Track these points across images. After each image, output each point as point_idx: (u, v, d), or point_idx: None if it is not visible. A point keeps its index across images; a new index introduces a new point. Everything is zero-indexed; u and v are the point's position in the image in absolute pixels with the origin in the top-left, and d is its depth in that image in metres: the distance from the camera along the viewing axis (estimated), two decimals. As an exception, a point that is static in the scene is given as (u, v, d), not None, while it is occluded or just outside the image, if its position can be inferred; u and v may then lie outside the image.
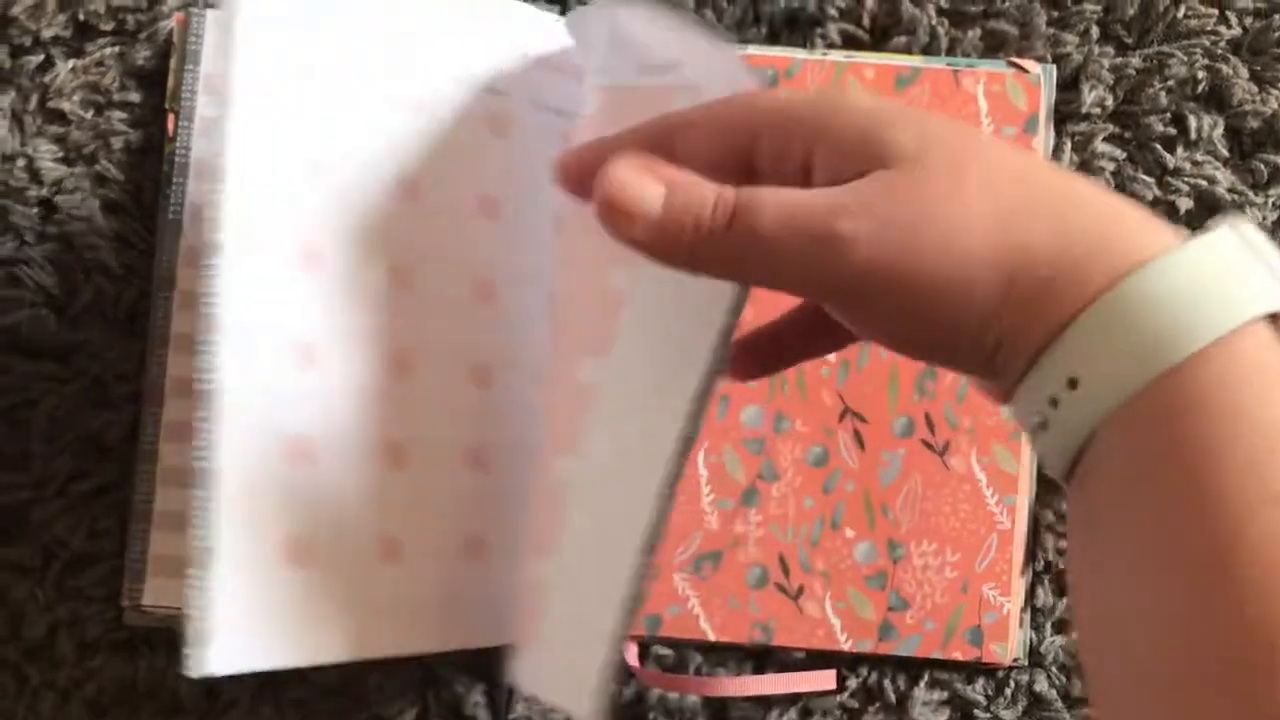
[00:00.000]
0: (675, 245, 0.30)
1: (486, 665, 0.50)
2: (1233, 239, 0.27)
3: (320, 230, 0.40)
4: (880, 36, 0.52)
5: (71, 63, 0.52)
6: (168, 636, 0.50)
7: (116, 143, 0.51)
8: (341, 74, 0.42)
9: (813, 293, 0.31)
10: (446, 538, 0.43)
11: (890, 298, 0.29)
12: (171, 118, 0.51)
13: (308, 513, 0.39)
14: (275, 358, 0.39)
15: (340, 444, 0.40)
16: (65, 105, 0.52)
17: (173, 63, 0.51)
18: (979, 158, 0.29)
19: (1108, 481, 0.27)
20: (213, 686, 0.50)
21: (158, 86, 0.52)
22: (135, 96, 0.52)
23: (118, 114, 0.52)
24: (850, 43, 0.52)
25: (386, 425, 0.41)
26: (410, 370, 0.42)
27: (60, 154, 0.52)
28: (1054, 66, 0.50)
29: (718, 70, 0.36)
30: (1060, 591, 0.49)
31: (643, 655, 0.50)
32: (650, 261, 0.31)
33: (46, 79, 0.52)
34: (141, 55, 0.52)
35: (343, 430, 0.40)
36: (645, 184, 0.30)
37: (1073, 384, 0.27)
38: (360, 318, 0.41)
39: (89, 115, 0.52)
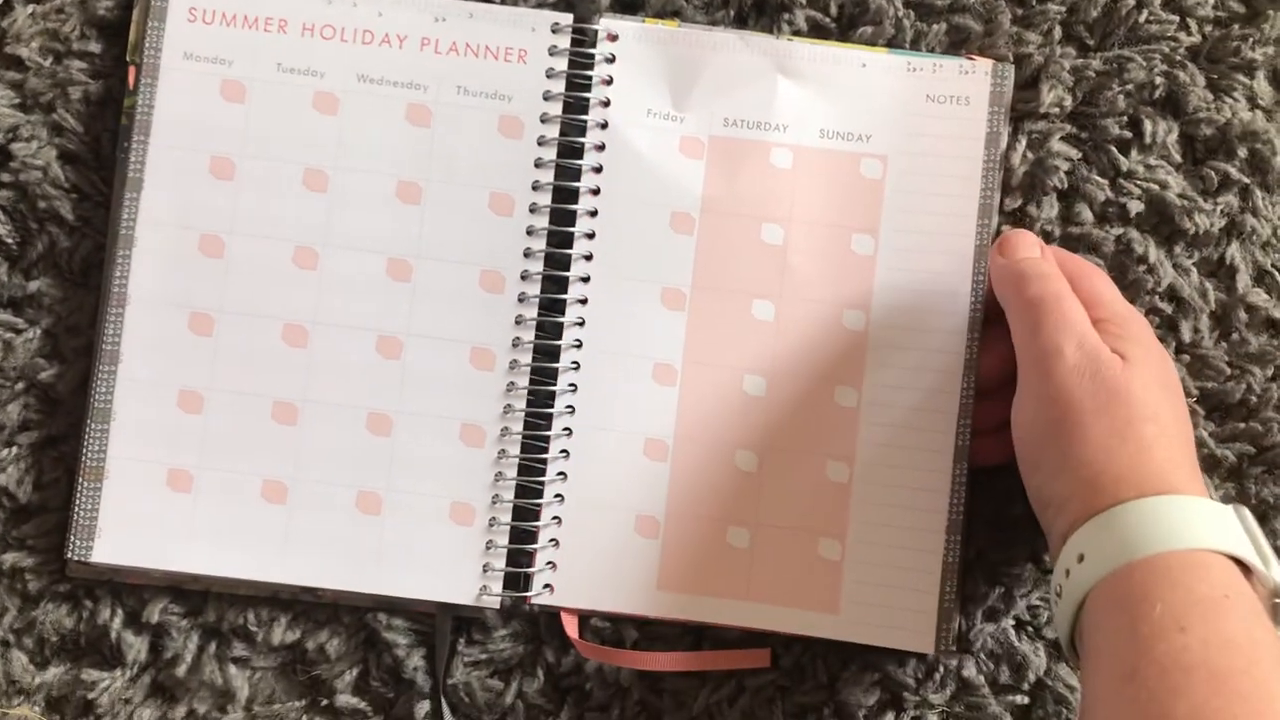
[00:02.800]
0: (1001, 279, 0.48)
1: (428, 629, 0.50)
2: (1228, 510, 0.41)
3: (225, 220, 0.50)
4: (847, 25, 0.52)
5: (31, 8, 0.51)
6: (111, 589, 0.50)
7: (75, 92, 0.51)
8: (255, 68, 0.50)
9: (1026, 362, 0.45)
10: (337, 489, 0.49)
11: (1045, 406, 0.43)
12: (132, 71, 0.50)
13: (191, 450, 0.50)
14: (174, 326, 0.50)
15: (229, 399, 0.50)
16: (23, 51, 0.51)
17: (135, 14, 0.50)
18: (1148, 387, 0.43)
19: (1091, 628, 0.40)
20: (156, 641, 0.50)
21: (119, 38, 0.51)
22: (95, 47, 0.51)
23: (77, 63, 0.51)
24: (816, 30, 0.52)
25: (279, 386, 0.50)
26: (309, 339, 0.50)
27: (16, 100, 0.51)
28: (1013, 65, 0.51)
29: (903, 146, 0.50)
30: (990, 580, 0.51)
31: (581, 628, 0.50)
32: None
33: (4, 24, 0.51)
34: (103, 5, 0.51)
35: (234, 388, 0.50)
36: (1028, 241, 0.48)
37: (1080, 558, 0.41)
38: (259, 292, 0.50)
39: (47, 63, 0.51)
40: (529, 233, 0.50)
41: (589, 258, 0.50)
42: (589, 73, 0.51)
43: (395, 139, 0.50)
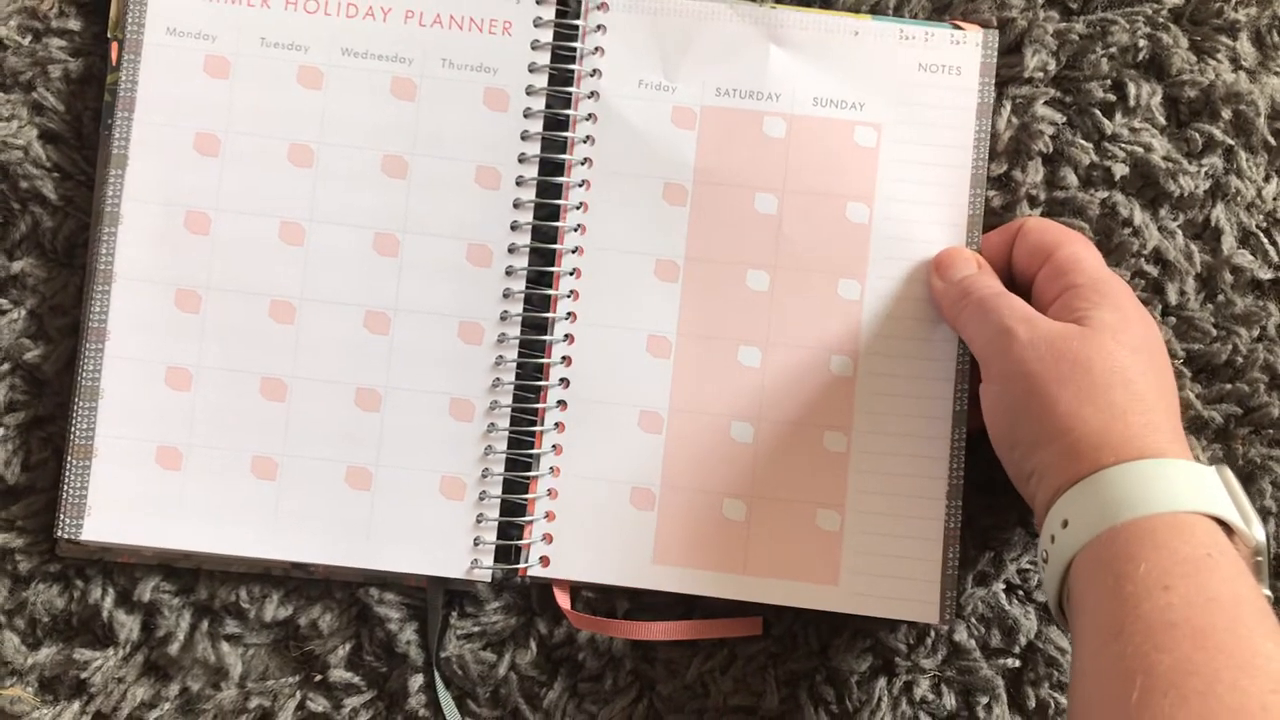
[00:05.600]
0: (942, 297, 0.49)
1: (421, 603, 0.51)
2: (1210, 470, 0.42)
3: (210, 197, 0.50)
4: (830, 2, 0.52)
5: (10, -13, 0.51)
6: (103, 569, 0.50)
7: (55, 71, 0.51)
8: (238, 43, 0.50)
9: (979, 352, 0.47)
10: (327, 465, 0.49)
11: (1000, 384, 0.45)
12: (114, 47, 0.50)
13: (180, 428, 0.49)
14: (161, 303, 0.49)
15: (218, 376, 0.49)
16: (1, 30, 0.51)
17: (115, -9, 0.50)
18: (1111, 354, 0.43)
19: (1078, 590, 0.41)
20: (148, 619, 0.50)
21: (98, 15, 0.51)
22: (75, 24, 0.51)
23: (56, 41, 0.51)
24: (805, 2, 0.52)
25: (268, 362, 0.49)
26: (296, 315, 0.50)
27: (-3, 80, 0.51)
28: (997, 31, 0.51)
29: (896, 115, 0.50)
30: (981, 545, 0.51)
31: (573, 599, 0.50)
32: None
33: (-17, 3, 0.51)
34: (82, -18, 0.51)
35: (222, 365, 0.49)
36: (964, 258, 0.49)
37: (1065, 524, 0.41)
38: (245, 269, 0.50)
39: (26, 41, 0.51)
40: (515, 206, 0.50)
41: (579, 229, 0.50)
42: (574, 44, 0.51)
43: (380, 113, 0.50)
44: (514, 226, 0.50)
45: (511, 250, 0.50)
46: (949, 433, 0.50)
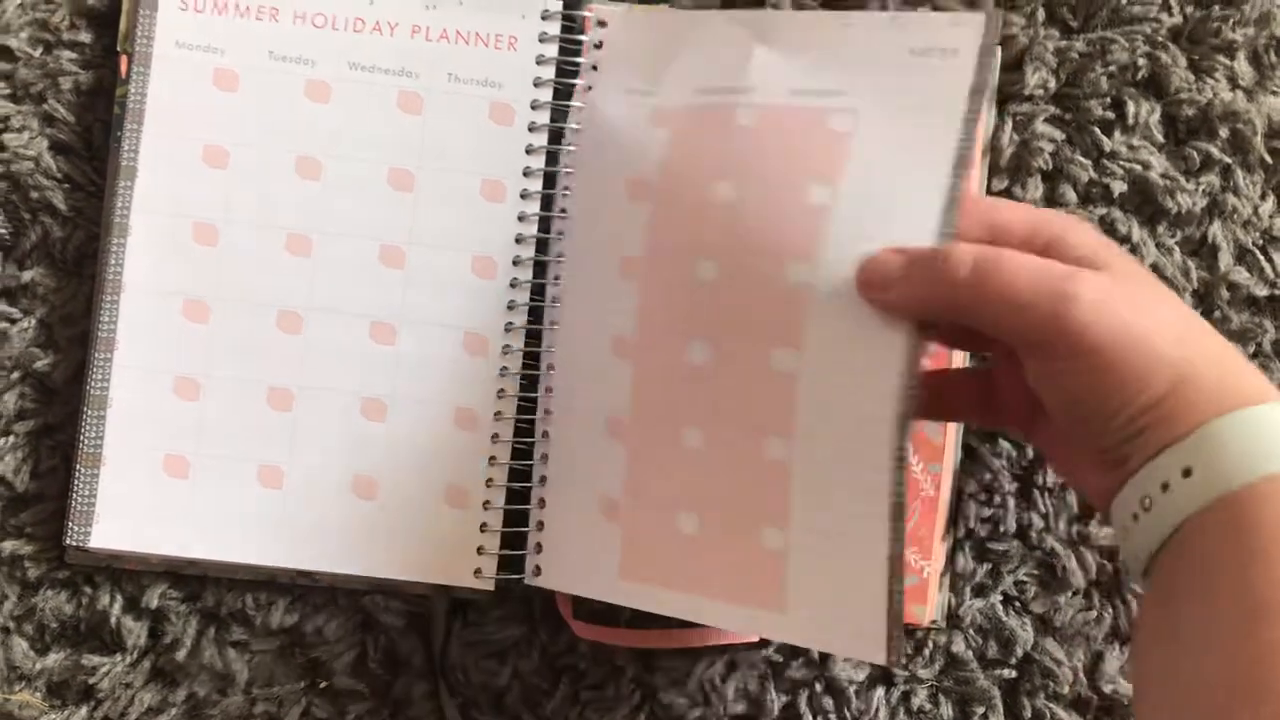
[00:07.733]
0: (914, 297, 0.39)
1: (425, 611, 0.51)
2: None
3: (219, 208, 0.50)
4: (833, 5, 0.52)
5: (20, -1, 0.51)
6: (111, 576, 0.51)
7: (65, 83, 0.51)
8: (247, 56, 0.51)
9: (1027, 336, 0.37)
10: (333, 474, 0.50)
11: (1089, 358, 0.36)
12: (124, 60, 0.50)
13: (188, 437, 0.50)
14: (170, 313, 0.50)
15: (225, 386, 0.50)
16: (12, 42, 0.51)
17: (126, 3, 0.51)
18: (1163, 292, 0.38)
19: (1194, 552, 0.35)
20: (155, 625, 0.51)
21: (109, 28, 0.51)
22: (86, 37, 0.51)
23: (67, 54, 0.51)
24: (802, 9, 0.52)
25: (275, 372, 0.50)
26: (303, 326, 0.50)
27: (7, 91, 0.51)
28: (1001, 13, 0.51)
29: (879, 100, 0.43)
30: (979, 557, 0.51)
31: (576, 606, 0.51)
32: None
33: (-5, 15, 0.51)
34: (93, -5, 0.51)
35: (229, 375, 0.50)
36: (888, 258, 0.40)
37: (1186, 472, 0.35)
38: (253, 280, 0.50)
39: (37, 53, 0.51)
40: (520, 219, 0.51)
41: (562, 237, 0.50)
42: (579, 59, 0.51)
43: (387, 126, 0.51)
44: (519, 239, 0.51)
45: (516, 263, 0.51)
46: (890, 439, 0.39)
